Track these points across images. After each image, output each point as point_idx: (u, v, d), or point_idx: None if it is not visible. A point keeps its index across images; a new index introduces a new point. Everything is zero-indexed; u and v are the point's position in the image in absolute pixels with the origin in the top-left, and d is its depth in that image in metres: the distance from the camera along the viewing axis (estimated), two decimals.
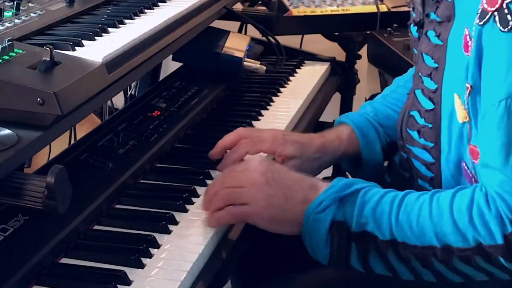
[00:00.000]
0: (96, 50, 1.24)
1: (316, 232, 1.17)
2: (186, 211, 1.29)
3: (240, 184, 1.23)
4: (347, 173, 2.48)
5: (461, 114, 1.18)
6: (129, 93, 2.14)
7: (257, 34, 2.06)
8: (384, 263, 1.16)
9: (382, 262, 1.16)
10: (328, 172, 2.53)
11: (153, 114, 1.59)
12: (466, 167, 1.20)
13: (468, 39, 1.14)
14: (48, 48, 1.11)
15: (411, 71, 1.59)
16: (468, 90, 1.14)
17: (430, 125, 1.26)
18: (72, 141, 1.94)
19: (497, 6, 1.08)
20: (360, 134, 1.48)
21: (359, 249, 1.16)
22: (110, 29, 1.36)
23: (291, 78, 1.99)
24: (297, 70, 2.05)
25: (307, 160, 1.44)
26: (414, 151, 1.31)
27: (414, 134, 1.30)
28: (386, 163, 1.54)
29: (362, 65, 2.41)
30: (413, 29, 1.39)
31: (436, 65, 1.24)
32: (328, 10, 2.19)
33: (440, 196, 1.15)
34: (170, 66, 2.03)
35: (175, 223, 1.25)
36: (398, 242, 1.14)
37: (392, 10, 2.22)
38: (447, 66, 1.22)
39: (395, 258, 1.14)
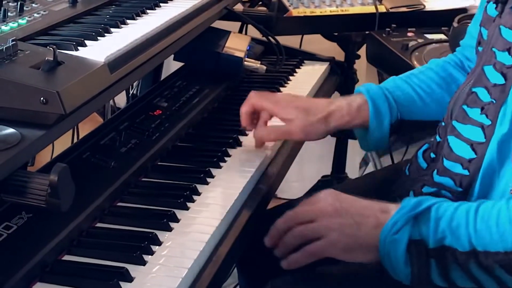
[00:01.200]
0: (98, 50, 1.24)
1: (394, 253, 1.15)
2: (187, 208, 1.29)
3: (310, 218, 1.22)
4: (346, 172, 2.50)
5: None
6: (131, 92, 2.14)
7: (258, 34, 2.05)
8: (467, 275, 1.14)
9: (464, 274, 1.13)
10: (327, 170, 2.55)
11: (154, 113, 1.59)
12: None
13: None
14: (51, 48, 1.12)
15: (450, 56, 1.59)
16: None
17: (495, 101, 1.22)
18: (75, 140, 1.94)
19: None
20: (372, 106, 1.47)
21: (439, 265, 1.14)
22: (112, 30, 1.36)
23: (291, 77, 1.99)
24: (297, 70, 2.05)
25: (311, 123, 1.46)
26: (462, 130, 1.28)
27: (472, 111, 1.26)
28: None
29: (361, 65, 2.42)
30: (491, 6, 1.34)
31: None
32: (327, 10, 2.19)
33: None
34: (171, 66, 2.03)
35: (176, 220, 1.25)
36: (479, 252, 1.12)
37: (391, 10, 2.21)
38: None
39: (478, 268, 1.12)
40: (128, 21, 1.43)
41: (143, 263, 1.13)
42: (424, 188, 1.33)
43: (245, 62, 1.84)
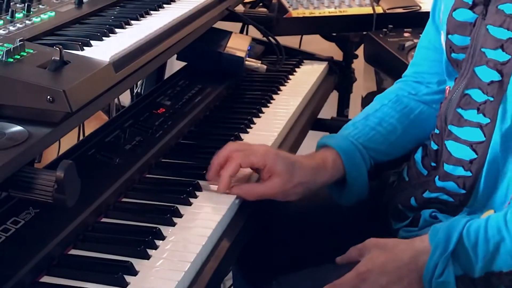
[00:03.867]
0: (103, 50, 1.24)
1: None
2: (190, 204, 1.29)
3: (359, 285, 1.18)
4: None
5: None
6: (135, 91, 2.14)
7: (258, 35, 2.05)
8: None
9: None
10: None
11: (158, 111, 1.59)
12: None
13: None
14: (57, 48, 1.11)
15: (400, 86, 1.53)
16: None
17: (492, 99, 1.21)
18: (81, 137, 1.93)
19: None
20: (346, 159, 1.39)
21: None
22: (117, 30, 1.36)
23: (290, 77, 1.99)
24: (296, 69, 2.05)
25: (294, 185, 1.33)
26: (459, 133, 1.26)
27: (468, 113, 1.25)
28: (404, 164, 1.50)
29: (359, 64, 2.41)
30: (461, 12, 1.31)
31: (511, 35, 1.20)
32: (326, 11, 2.19)
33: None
34: (174, 65, 2.03)
35: (179, 215, 1.25)
36: None
37: (388, 11, 2.21)
38: None
39: None
40: (132, 21, 1.43)
41: (147, 257, 1.12)
42: (425, 193, 1.32)
43: (246, 62, 1.84)
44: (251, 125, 1.64)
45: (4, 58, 1.09)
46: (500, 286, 1.12)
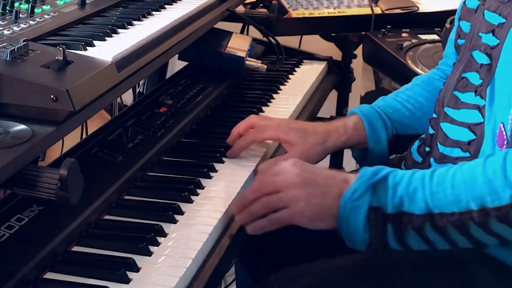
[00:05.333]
0: (106, 50, 1.24)
1: (354, 219, 1.15)
2: (191, 201, 1.29)
3: (277, 189, 1.21)
4: (344, 167, 2.50)
5: None
6: (137, 90, 2.14)
7: (258, 35, 2.05)
8: (421, 238, 1.14)
9: (419, 237, 1.13)
10: (325, 165, 2.54)
11: (160, 110, 1.59)
12: (503, 128, 1.17)
13: None
14: (61, 48, 1.11)
15: (434, 71, 1.59)
16: None
17: (482, 81, 1.23)
18: (84, 136, 1.94)
19: None
20: (367, 123, 1.48)
21: (396, 229, 1.14)
22: (119, 30, 1.36)
23: (290, 76, 1.99)
24: (296, 69, 2.05)
25: (310, 146, 1.44)
26: (455, 115, 1.27)
27: (465, 96, 1.26)
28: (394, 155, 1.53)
29: (358, 64, 2.41)
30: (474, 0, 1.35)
31: (502, 20, 1.21)
32: (325, 12, 2.19)
33: (470, 163, 1.13)
34: (176, 65, 2.03)
35: (181, 213, 1.25)
36: (434, 214, 1.12)
37: (386, 12, 2.21)
38: None
39: (432, 230, 1.12)
40: (134, 22, 1.43)
41: (149, 253, 1.12)
42: None
43: (247, 62, 1.84)
44: None
45: (8, 58, 1.09)
46: (408, 226, 1.13)
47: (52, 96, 1.04)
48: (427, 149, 1.37)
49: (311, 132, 1.46)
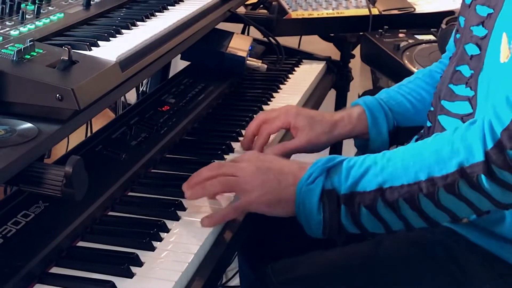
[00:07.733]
0: (110, 50, 1.23)
1: (308, 201, 1.16)
2: None
3: (234, 173, 1.22)
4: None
5: (504, 54, 1.14)
6: (141, 89, 2.13)
7: (259, 35, 2.05)
8: (374, 216, 1.13)
9: (372, 216, 1.13)
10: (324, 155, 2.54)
11: (163, 108, 1.59)
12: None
13: None
14: (66, 48, 1.11)
15: (436, 64, 1.59)
16: None
17: (473, 72, 1.23)
18: (89, 134, 1.93)
19: None
20: (370, 114, 1.48)
21: (349, 210, 1.14)
22: (123, 31, 1.35)
23: (290, 75, 1.99)
24: (296, 69, 2.05)
25: (316, 134, 1.45)
26: (450, 107, 1.28)
27: (458, 88, 1.27)
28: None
29: (356, 64, 2.41)
30: None
31: (491, 11, 1.22)
32: (324, 13, 2.18)
33: (420, 140, 1.14)
34: (178, 64, 2.03)
35: (184, 209, 1.25)
36: (385, 188, 1.12)
37: (383, 13, 2.21)
38: (504, 8, 1.18)
39: (384, 206, 1.12)
40: (138, 23, 1.42)
41: (152, 249, 1.13)
42: None
43: (247, 61, 1.84)
44: None
45: (15, 58, 1.09)
46: (361, 204, 1.13)
47: (57, 95, 1.04)
48: None
49: (318, 120, 1.46)
